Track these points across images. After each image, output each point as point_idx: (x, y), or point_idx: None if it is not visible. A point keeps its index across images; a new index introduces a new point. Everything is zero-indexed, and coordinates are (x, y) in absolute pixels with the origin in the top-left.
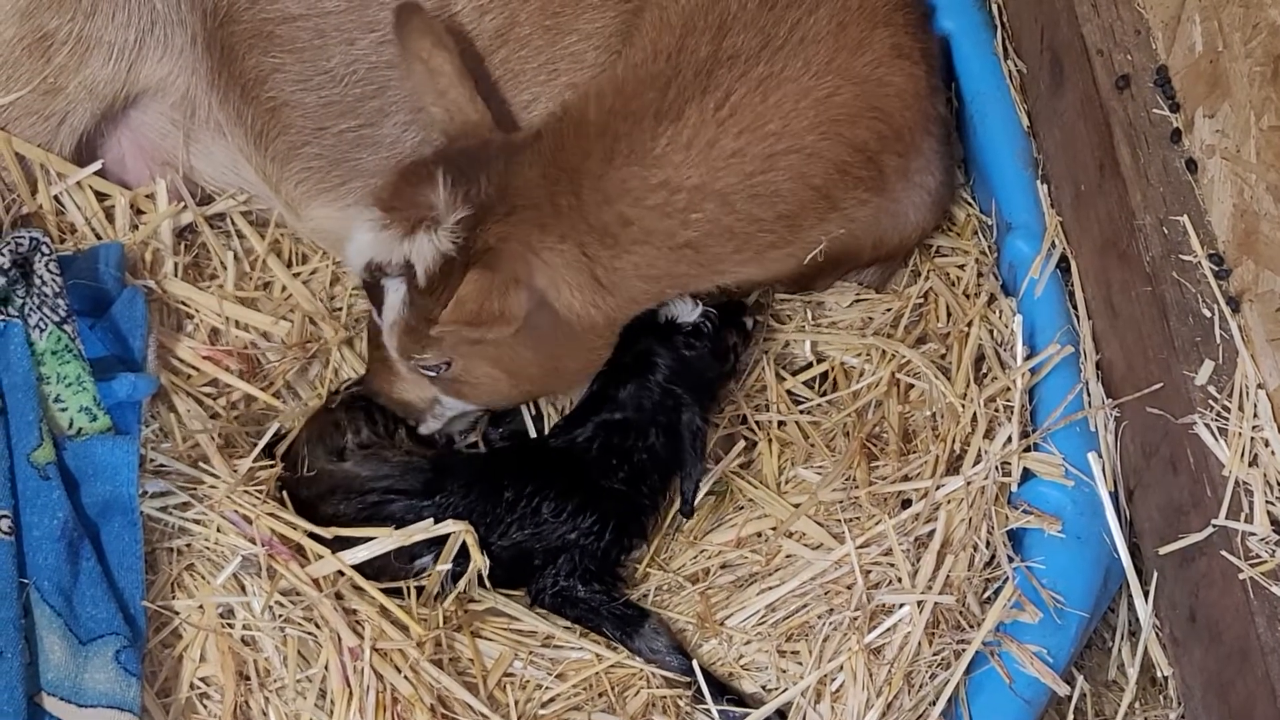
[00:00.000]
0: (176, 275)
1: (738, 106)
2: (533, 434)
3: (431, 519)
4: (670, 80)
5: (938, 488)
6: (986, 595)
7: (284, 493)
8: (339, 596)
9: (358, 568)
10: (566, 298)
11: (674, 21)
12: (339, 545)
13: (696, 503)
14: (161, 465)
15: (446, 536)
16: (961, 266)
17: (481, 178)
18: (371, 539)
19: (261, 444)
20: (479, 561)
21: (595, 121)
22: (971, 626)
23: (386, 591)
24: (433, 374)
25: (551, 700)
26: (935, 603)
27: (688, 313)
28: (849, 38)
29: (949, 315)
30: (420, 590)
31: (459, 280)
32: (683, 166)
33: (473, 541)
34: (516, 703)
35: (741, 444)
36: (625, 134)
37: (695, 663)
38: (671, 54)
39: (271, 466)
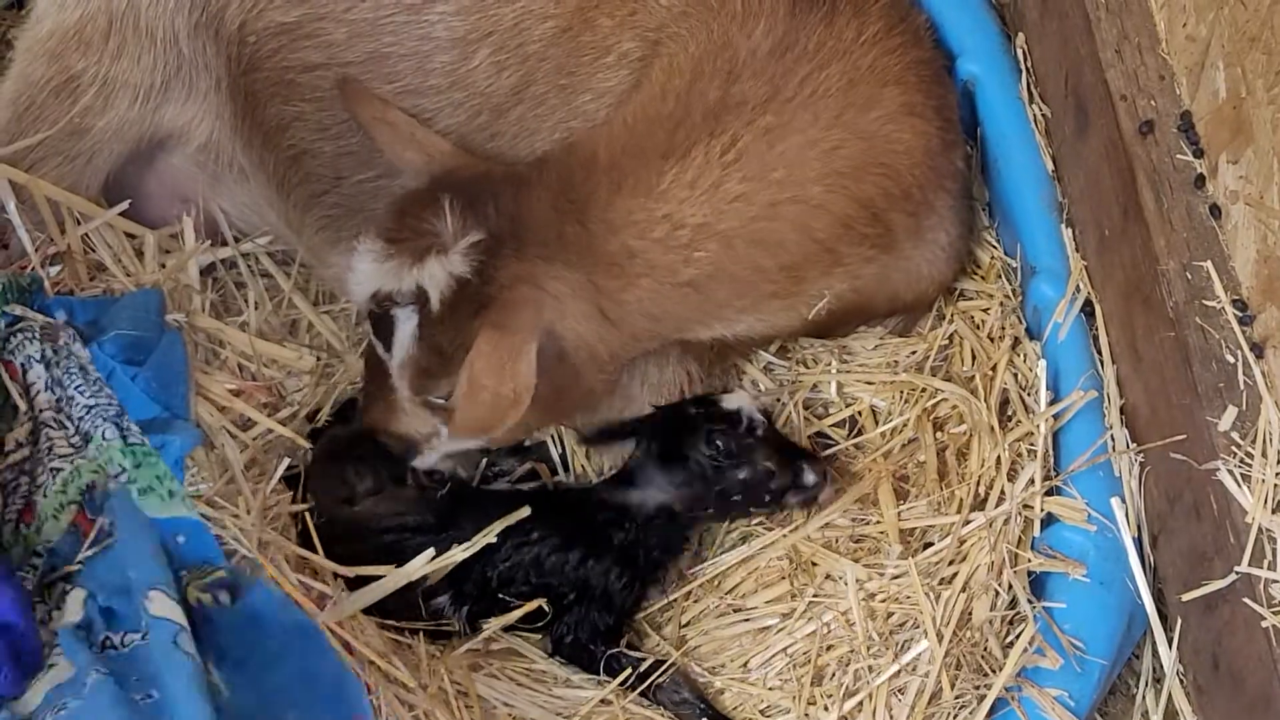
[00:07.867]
0: (204, 311)
1: (743, 152)
2: (560, 472)
3: (432, 550)
4: (679, 122)
5: (965, 524)
6: (1009, 639)
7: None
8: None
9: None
10: (574, 327)
11: (684, 66)
12: (356, 582)
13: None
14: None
15: (465, 576)
16: (986, 310)
17: (490, 206)
18: (378, 578)
19: (274, 478)
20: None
21: (604, 158)
22: (993, 670)
23: (398, 631)
24: (441, 402)
25: None
26: (957, 645)
27: (739, 401)
28: (858, 95)
29: (974, 359)
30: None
31: (471, 312)
32: (686, 203)
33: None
34: None
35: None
36: (632, 170)
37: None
38: (680, 95)
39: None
